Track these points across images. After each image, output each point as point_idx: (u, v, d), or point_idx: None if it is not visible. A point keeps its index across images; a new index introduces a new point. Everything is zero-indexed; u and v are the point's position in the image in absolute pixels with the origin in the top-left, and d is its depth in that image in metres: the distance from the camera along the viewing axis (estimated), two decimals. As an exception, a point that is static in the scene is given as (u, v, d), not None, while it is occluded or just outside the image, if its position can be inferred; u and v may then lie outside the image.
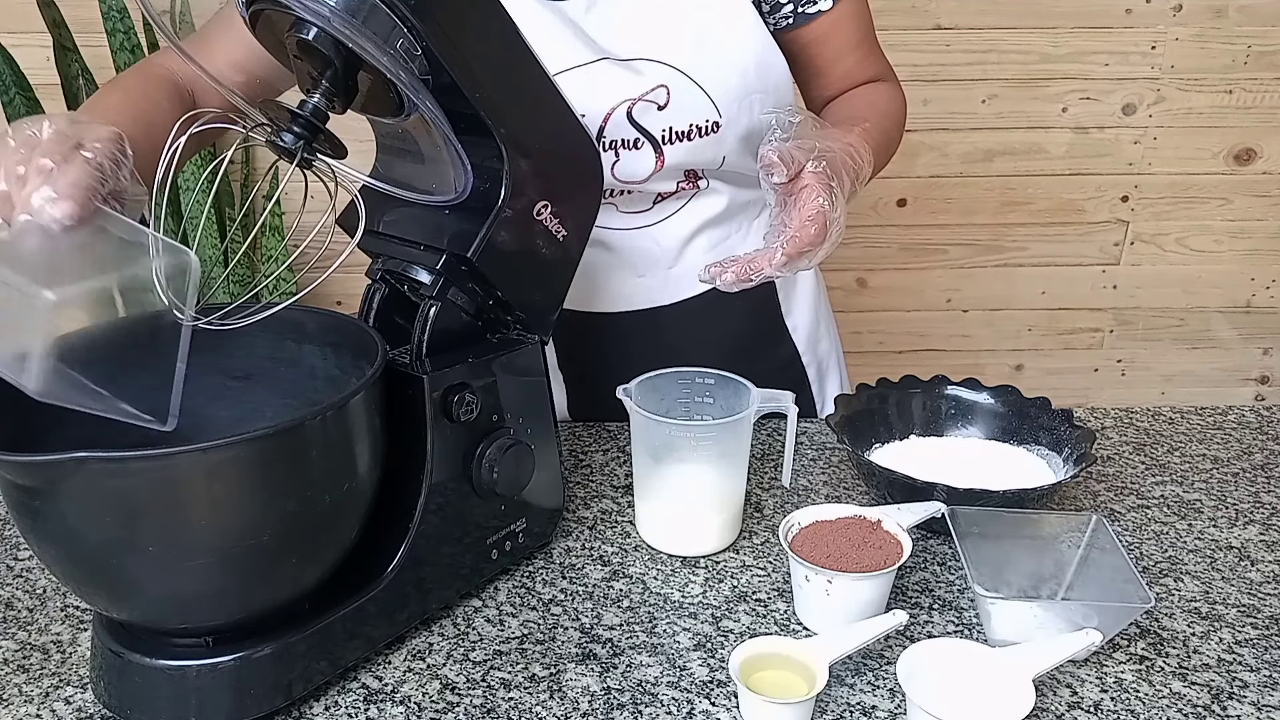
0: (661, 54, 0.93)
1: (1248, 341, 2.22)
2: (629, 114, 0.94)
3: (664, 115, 0.94)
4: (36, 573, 0.82)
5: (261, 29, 0.66)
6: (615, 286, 1.04)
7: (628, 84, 0.93)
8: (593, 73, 0.92)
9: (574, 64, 0.92)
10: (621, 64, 0.93)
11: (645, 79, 0.93)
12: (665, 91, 0.93)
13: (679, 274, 1.03)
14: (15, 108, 1.66)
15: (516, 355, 0.77)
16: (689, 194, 1.01)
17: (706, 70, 0.93)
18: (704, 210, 1.02)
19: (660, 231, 1.02)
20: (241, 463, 0.59)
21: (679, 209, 1.01)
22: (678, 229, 1.02)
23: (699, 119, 0.94)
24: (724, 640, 0.74)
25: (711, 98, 0.94)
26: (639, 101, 0.93)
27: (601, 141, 0.95)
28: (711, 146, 0.96)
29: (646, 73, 0.93)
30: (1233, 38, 1.95)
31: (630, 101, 0.93)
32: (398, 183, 0.75)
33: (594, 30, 0.93)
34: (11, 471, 0.57)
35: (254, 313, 0.67)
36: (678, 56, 0.93)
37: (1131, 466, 1.01)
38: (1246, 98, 2.00)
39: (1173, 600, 0.80)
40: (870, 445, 0.97)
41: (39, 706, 0.68)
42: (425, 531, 0.72)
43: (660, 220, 1.01)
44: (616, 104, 0.93)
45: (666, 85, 0.93)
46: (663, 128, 0.94)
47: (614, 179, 0.97)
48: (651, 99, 0.93)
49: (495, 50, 0.68)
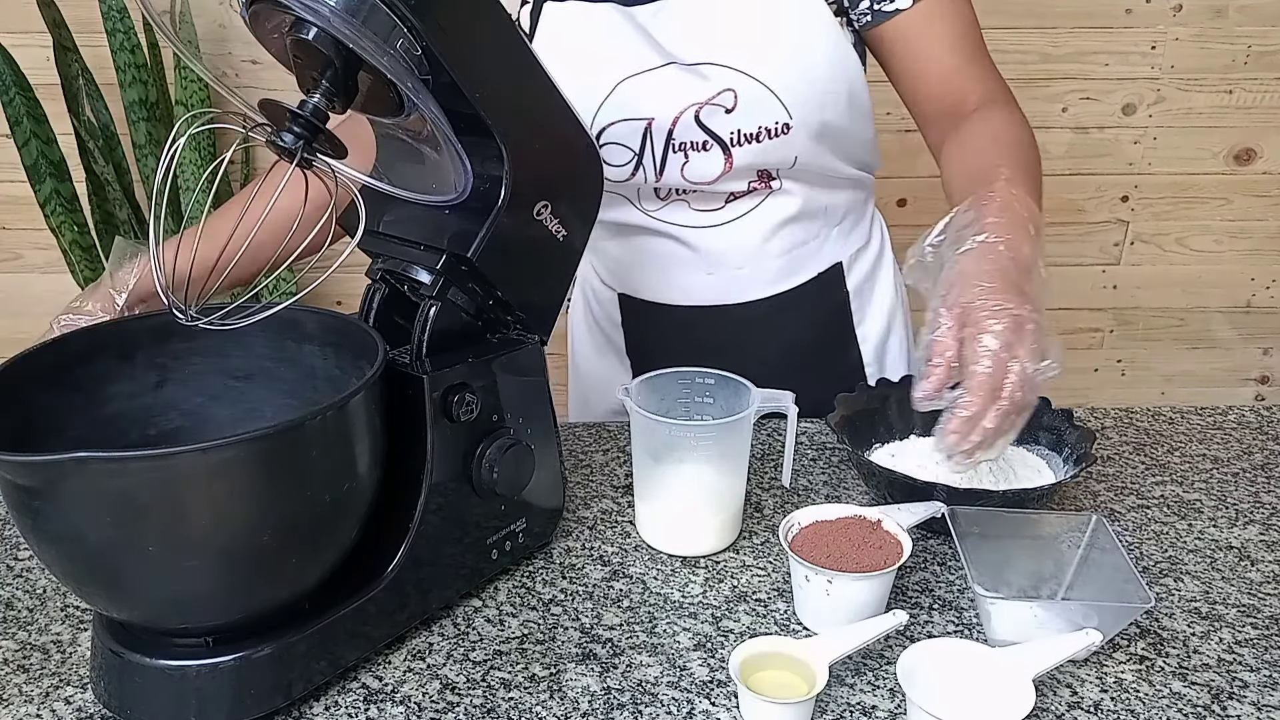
0: (728, 58, 0.93)
1: (1248, 341, 2.22)
2: (696, 117, 0.94)
3: (732, 118, 0.94)
4: (36, 573, 0.82)
5: (261, 28, 0.66)
6: (685, 281, 1.04)
7: (694, 88, 0.93)
8: (661, 77, 0.93)
9: (643, 68, 0.93)
10: (688, 68, 0.93)
11: (712, 83, 0.93)
12: (732, 95, 0.93)
13: (749, 275, 1.03)
14: (15, 107, 1.66)
15: (517, 355, 0.77)
16: (762, 194, 1.00)
17: (775, 72, 0.93)
18: (778, 212, 1.01)
19: (732, 231, 1.02)
20: (241, 463, 0.59)
21: (752, 209, 1.01)
22: (750, 230, 1.02)
23: (768, 121, 0.94)
24: (724, 640, 0.74)
25: (781, 99, 0.93)
26: (706, 105, 0.93)
27: (671, 143, 0.95)
28: (782, 147, 0.96)
29: (713, 77, 0.93)
30: (1233, 37, 1.95)
31: (697, 105, 0.94)
32: (398, 183, 0.75)
33: (662, 35, 0.93)
34: (12, 471, 0.57)
35: (254, 313, 0.67)
36: (745, 60, 0.93)
37: (1131, 466, 1.01)
38: (1247, 97, 2.00)
39: (1173, 600, 0.80)
40: (870, 445, 0.97)
41: (39, 706, 0.68)
42: (425, 531, 0.72)
43: (732, 220, 1.01)
44: (684, 107, 0.94)
45: (733, 89, 0.93)
46: (731, 130, 0.95)
47: (683, 179, 0.97)
48: (718, 102, 0.93)
49: (495, 50, 0.68)
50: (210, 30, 1.83)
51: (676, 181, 0.97)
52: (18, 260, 1.98)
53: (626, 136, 0.96)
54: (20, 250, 1.97)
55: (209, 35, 1.83)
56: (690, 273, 1.03)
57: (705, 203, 1.00)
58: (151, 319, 0.73)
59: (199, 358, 0.74)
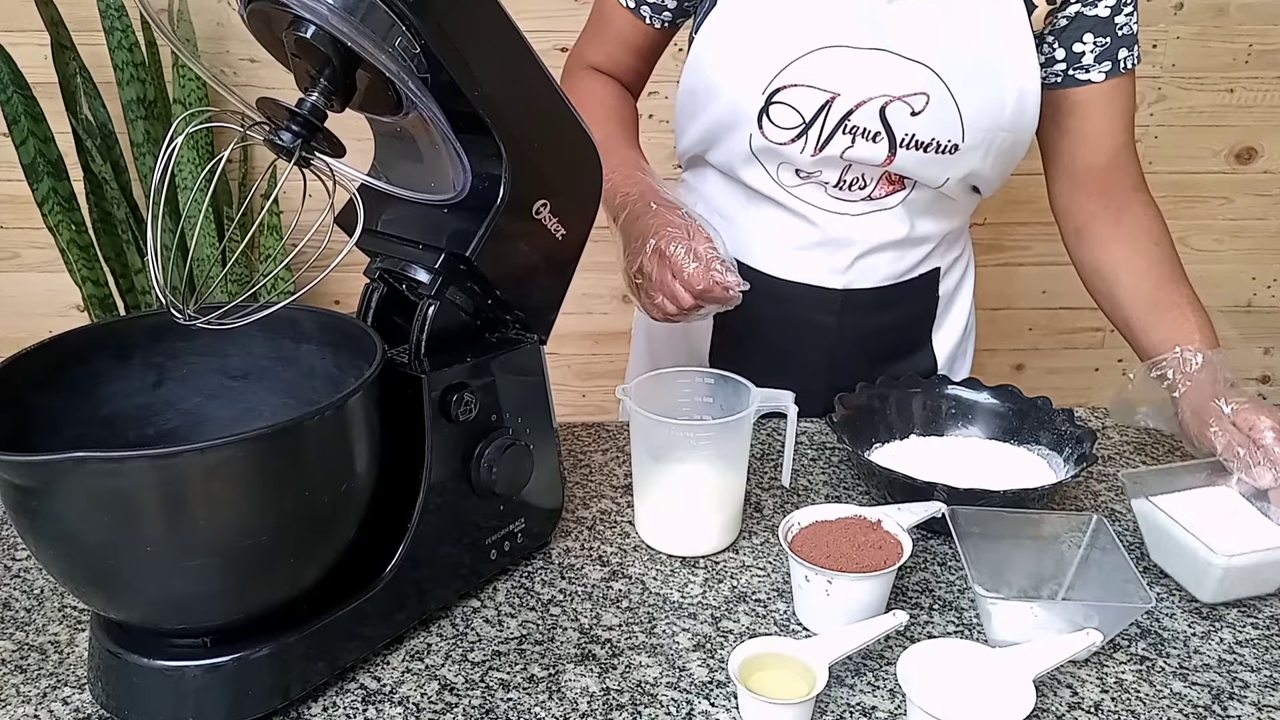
0: (936, 63, 0.94)
1: (1249, 341, 2.21)
2: (882, 110, 0.95)
3: (913, 121, 0.95)
4: (34, 573, 0.82)
5: (260, 26, 0.66)
6: (801, 257, 1.06)
7: (894, 80, 0.94)
8: (865, 58, 0.93)
9: (850, 43, 0.93)
10: (895, 57, 0.93)
11: (911, 81, 0.94)
12: (925, 99, 0.94)
13: (862, 265, 1.05)
14: (13, 106, 1.66)
15: (516, 355, 0.77)
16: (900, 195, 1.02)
17: (969, 93, 0.95)
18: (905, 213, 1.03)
19: (860, 222, 1.03)
20: (239, 463, 0.59)
21: (884, 208, 1.03)
22: (876, 225, 1.03)
23: (942, 136, 0.96)
24: (723, 641, 0.74)
25: (963, 120, 0.95)
26: (896, 100, 0.94)
27: (844, 124, 0.96)
28: (942, 165, 0.98)
29: (915, 75, 0.94)
30: (1234, 36, 1.95)
31: (889, 98, 0.94)
32: (396, 181, 0.75)
33: (886, 19, 0.94)
34: (10, 471, 0.57)
35: (252, 312, 0.67)
36: (949, 71, 0.94)
37: (1132, 466, 1.01)
38: (1247, 96, 2.00)
39: (1173, 600, 0.80)
40: (870, 445, 0.97)
41: (36, 707, 0.68)
42: (424, 532, 0.72)
43: (863, 213, 1.03)
44: (875, 95, 0.94)
45: (928, 94, 0.94)
46: (907, 131, 0.96)
47: (839, 159, 0.98)
48: (909, 101, 0.94)
49: (494, 48, 0.68)
50: (208, 28, 1.83)
51: (830, 159, 0.98)
52: (15, 259, 1.97)
53: (803, 103, 0.96)
54: (18, 249, 1.96)
55: (207, 33, 1.83)
56: (809, 251, 1.05)
57: (843, 192, 1.01)
58: (149, 318, 0.73)
59: (197, 357, 0.74)
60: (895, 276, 1.07)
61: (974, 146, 0.97)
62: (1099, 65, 0.98)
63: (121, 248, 1.75)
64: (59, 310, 1.99)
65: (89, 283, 1.75)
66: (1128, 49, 0.98)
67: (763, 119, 0.97)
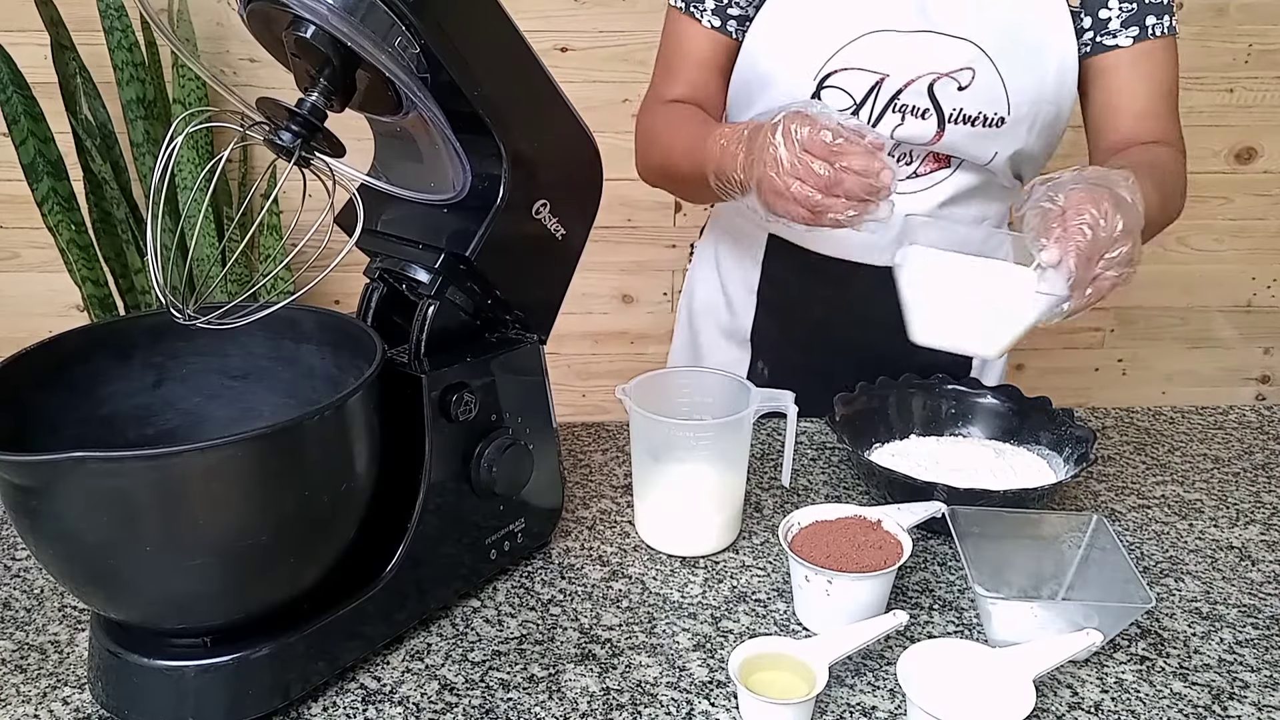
0: (979, 38, 0.96)
1: (1249, 341, 2.21)
2: (930, 86, 0.96)
3: (960, 96, 0.97)
4: (34, 573, 0.82)
5: (260, 26, 0.66)
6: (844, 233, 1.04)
7: (940, 58, 0.96)
8: (911, 40, 0.96)
9: (897, 27, 0.96)
10: (940, 36, 0.95)
11: (957, 56, 0.96)
12: (971, 73, 0.96)
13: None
14: (13, 106, 1.66)
15: (515, 354, 0.77)
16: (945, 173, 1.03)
17: (1013, 65, 0.97)
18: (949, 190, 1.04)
19: (907, 199, 1.04)
20: (239, 462, 0.59)
21: (931, 186, 1.04)
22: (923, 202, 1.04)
23: (989, 109, 0.98)
24: (723, 641, 0.74)
25: (1008, 92, 0.97)
26: (943, 77, 0.96)
27: (894, 103, 0.98)
28: (988, 139, 0.99)
29: (960, 51, 0.96)
30: (1233, 36, 1.95)
31: (936, 75, 0.96)
32: (396, 181, 0.75)
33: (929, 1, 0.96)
34: (10, 471, 0.57)
35: (252, 312, 0.67)
36: (992, 44, 0.96)
37: (1132, 466, 1.01)
38: (1247, 96, 2.00)
39: (1173, 600, 0.80)
40: (870, 445, 0.97)
41: (36, 706, 0.68)
42: (423, 532, 0.72)
43: (912, 192, 1.03)
44: (923, 74, 0.96)
45: (973, 69, 0.96)
46: (955, 106, 0.97)
47: (891, 138, 0.99)
48: (956, 76, 0.96)
49: (494, 48, 0.68)
50: (208, 28, 1.82)
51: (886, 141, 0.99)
52: (15, 259, 1.97)
53: (853, 85, 0.98)
54: (17, 249, 1.96)
55: (207, 33, 1.83)
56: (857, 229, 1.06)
57: None
58: (149, 318, 0.73)
59: (197, 357, 0.74)
60: None
61: (1020, 120, 0.98)
62: (1126, 30, 0.98)
63: (121, 248, 1.75)
64: (59, 310, 1.99)
65: (89, 283, 1.75)
66: (1156, 16, 0.98)
67: None
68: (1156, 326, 2.19)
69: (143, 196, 1.79)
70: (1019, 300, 0.78)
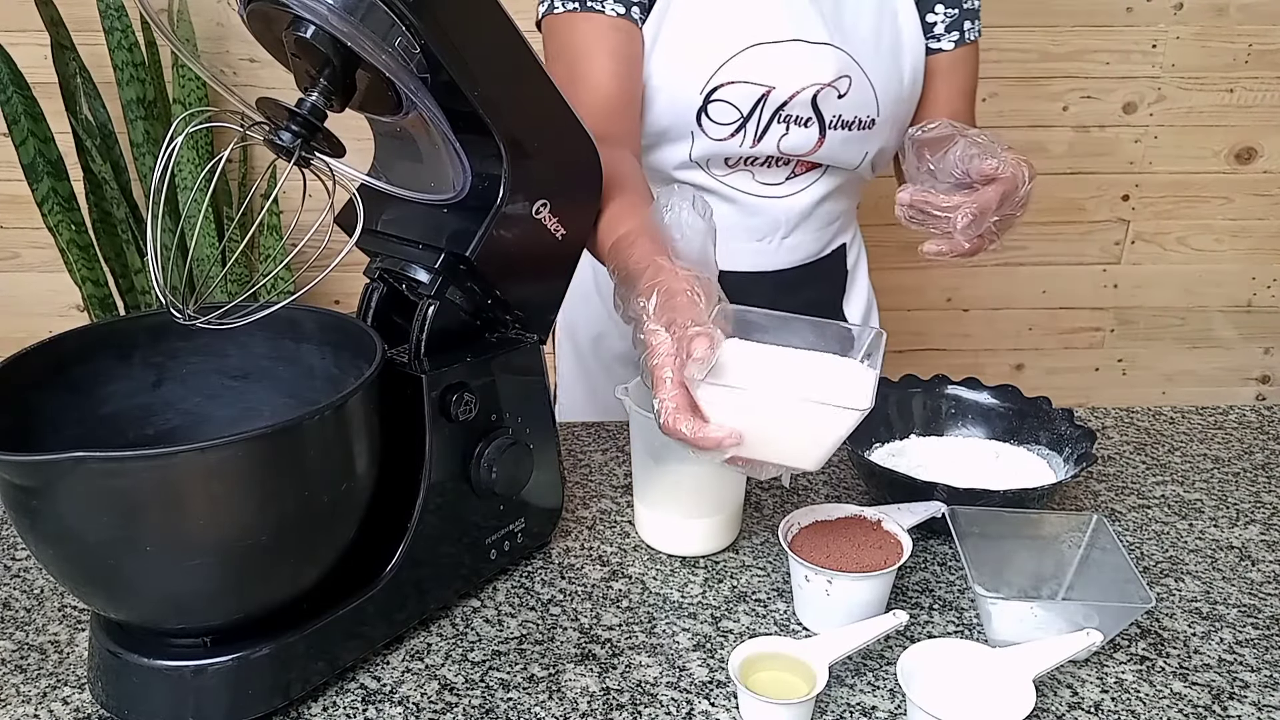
0: (849, 46, 0.99)
1: (1249, 341, 2.21)
2: (814, 97, 0.99)
3: (840, 103, 1.00)
4: (34, 573, 0.82)
5: (260, 26, 0.66)
6: (732, 246, 1.08)
7: (820, 69, 0.99)
8: (789, 51, 0.98)
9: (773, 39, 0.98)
10: (815, 46, 0.98)
11: (833, 66, 0.99)
12: (848, 81, 1.00)
13: (790, 244, 1.10)
14: (13, 106, 1.66)
15: (515, 354, 0.77)
16: (817, 172, 1.07)
17: (878, 69, 1.01)
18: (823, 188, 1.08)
19: (788, 201, 1.07)
20: (239, 462, 0.59)
21: (807, 186, 1.07)
22: (801, 202, 1.07)
23: (862, 113, 1.02)
24: (723, 640, 0.74)
25: (877, 96, 1.01)
26: (825, 87, 0.99)
27: (779, 115, 1.00)
28: (861, 142, 1.03)
29: (835, 61, 0.99)
30: (1233, 36, 1.95)
31: (820, 85, 0.99)
32: (396, 181, 0.75)
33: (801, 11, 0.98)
34: (10, 471, 0.57)
35: (252, 312, 0.67)
36: (860, 51, 1.00)
37: (1132, 466, 1.01)
38: (1247, 96, 2.00)
39: (1173, 600, 0.80)
40: (870, 445, 0.97)
41: (36, 706, 0.68)
42: (423, 532, 0.72)
43: (790, 194, 1.07)
44: (807, 85, 0.99)
45: (849, 76, 0.99)
46: (835, 114, 1.01)
47: (776, 149, 1.02)
48: (836, 85, 0.99)
49: (494, 48, 0.68)
50: (208, 29, 1.82)
51: (769, 150, 1.02)
52: (15, 259, 1.97)
53: (740, 99, 1.00)
54: (18, 249, 1.96)
55: (207, 33, 1.83)
56: (739, 237, 1.08)
57: (770, 175, 1.06)
58: (149, 318, 0.73)
59: (197, 357, 0.74)
60: (814, 254, 1.12)
61: (886, 121, 1.03)
62: (949, 35, 1.05)
63: (121, 248, 1.75)
64: (59, 310, 1.99)
65: (89, 283, 1.75)
66: (971, 21, 1.06)
67: (701, 118, 1.00)
68: (1156, 326, 2.19)
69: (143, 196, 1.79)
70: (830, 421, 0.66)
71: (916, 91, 1.05)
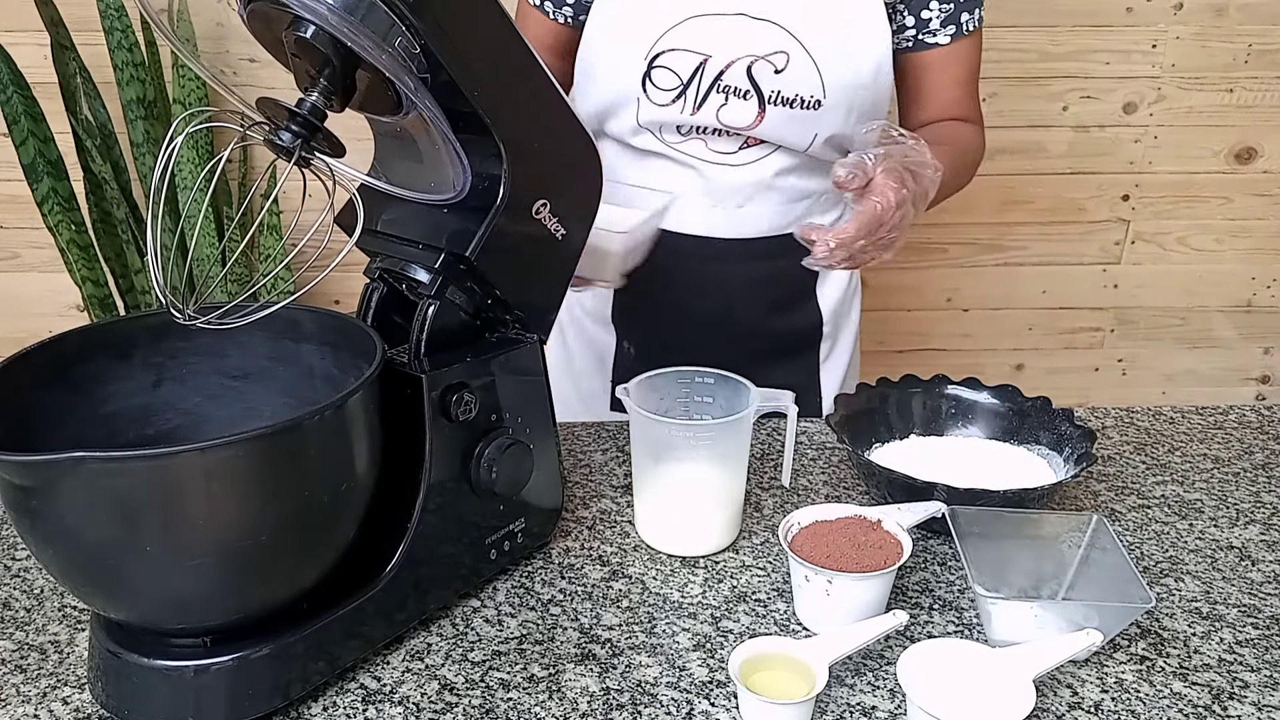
0: (790, 23, 1.00)
1: (1249, 341, 2.21)
2: (749, 68, 1.01)
3: (778, 78, 1.02)
4: (34, 573, 0.82)
5: (260, 26, 0.66)
6: (689, 207, 1.10)
7: (755, 41, 1.01)
8: (729, 23, 1.01)
9: (715, 10, 1.01)
10: (755, 21, 1.00)
11: (770, 40, 1.00)
12: (785, 57, 1.01)
13: (748, 214, 1.10)
14: (13, 106, 1.66)
15: (515, 354, 0.77)
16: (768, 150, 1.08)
17: (825, 52, 1.01)
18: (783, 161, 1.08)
19: (743, 170, 1.08)
20: (239, 462, 0.59)
21: (762, 157, 1.08)
22: (758, 172, 1.08)
23: (805, 92, 1.02)
24: (724, 640, 0.74)
25: (822, 77, 1.02)
26: (761, 59, 1.01)
27: (717, 84, 1.03)
28: (807, 122, 1.04)
29: (772, 35, 1.01)
30: (1233, 36, 1.95)
31: (754, 57, 1.01)
32: (396, 181, 0.75)
33: None
34: (9, 471, 0.57)
35: (252, 312, 0.67)
36: (803, 31, 1.01)
37: (1132, 466, 1.01)
38: (1247, 96, 1.99)
39: (1173, 600, 0.80)
40: (870, 445, 0.97)
41: (36, 706, 0.68)
42: (423, 531, 0.72)
43: (745, 163, 1.08)
44: (741, 56, 1.01)
45: (787, 53, 1.01)
46: (773, 89, 1.02)
47: (716, 119, 1.04)
48: (772, 60, 1.01)
49: (493, 48, 0.68)
50: (208, 28, 1.82)
51: (709, 120, 1.04)
52: (15, 259, 1.97)
53: (680, 66, 1.03)
54: (18, 249, 1.96)
55: (207, 33, 1.83)
56: (696, 201, 1.10)
57: (722, 144, 1.07)
58: (149, 318, 0.73)
59: (197, 357, 0.74)
60: (779, 228, 1.11)
61: (836, 104, 1.03)
62: (945, 29, 1.06)
63: (121, 248, 1.75)
64: (59, 310, 1.99)
65: (89, 283, 1.75)
66: (969, 12, 1.06)
67: (646, 83, 1.04)
68: (1156, 326, 2.19)
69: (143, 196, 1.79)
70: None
71: (882, 81, 1.05)
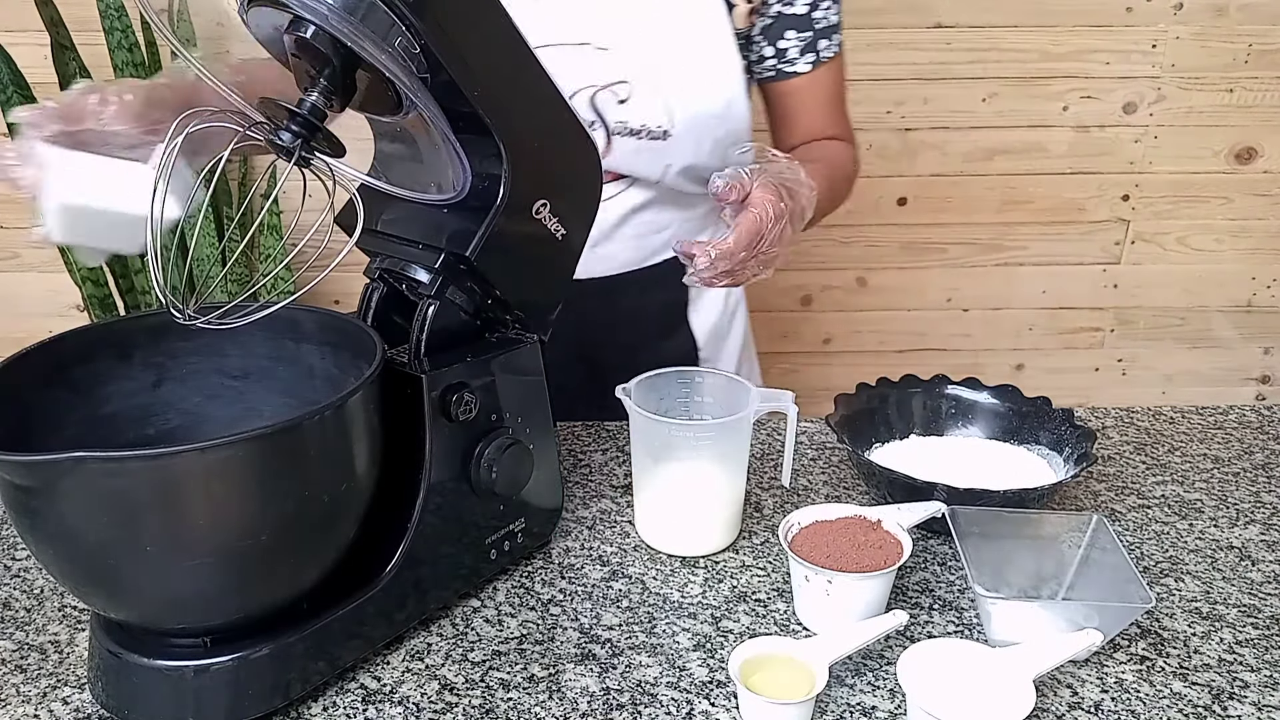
0: (630, 54, 0.99)
1: (1249, 341, 2.21)
2: (592, 98, 1.00)
3: (622, 109, 1.00)
4: (34, 572, 0.82)
5: (260, 27, 0.66)
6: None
7: (596, 71, 0.99)
8: (574, 54, 0.99)
9: (558, 41, 0.98)
10: (597, 51, 0.99)
11: (610, 71, 0.99)
12: (628, 87, 1.00)
13: (599, 254, 1.08)
14: (13, 106, 1.66)
15: (515, 354, 0.77)
16: (625, 184, 1.06)
17: (669, 83, 1.00)
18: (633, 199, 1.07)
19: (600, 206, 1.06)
20: (239, 462, 0.59)
21: (611, 196, 1.06)
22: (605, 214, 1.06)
23: (651, 122, 1.01)
24: (724, 640, 0.74)
25: (669, 106, 1.00)
26: (603, 89, 1.00)
27: None
28: (657, 153, 1.02)
29: (612, 66, 0.99)
30: (1233, 36, 1.95)
31: (595, 87, 1.00)
32: (396, 181, 0.75)
33: (587, 15, 0.99)
34: (9, 471, 0.57)
35: (252, 312, 0.67)
36: (644, 61, 0.99)
37: (1132, 466, 1.01)
38: (1247, 96, 1.99)
39: (1173, 600, 0.80)
40: (870, 445, 0.97)
41: (36, 706, 0.68)
42: (423, 531, 0.72)
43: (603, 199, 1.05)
44: (583, 87, 1.00)
45: (629, 81, 0.99)
46: (618, 120, 1.01)
47: None
48: (614, 90, 1.00)
49: (493, 48, 0.68)
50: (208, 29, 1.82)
51: None
52: (15, 259, 1.97)
53: None
54: (18, 249, 1.96)
55: (207, 33, 1.83)
56: None
57: None
58: (149, 318, 0.73)
59: (197, 357, 0.74)
60: (636, 263, 1.10)
61: (684, 134, 1.01)
62: (803, 58, 1.06)
63: (121, 248, 1.75)
64: (59, 310, 1.99)
65: (89, 283, 1.75)
66: (827, 39, 1.06)
67: None
68: (1156, 326, 2.19)
69: (143, 196, 1.79)
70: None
71: (737, 112, 1.03)
